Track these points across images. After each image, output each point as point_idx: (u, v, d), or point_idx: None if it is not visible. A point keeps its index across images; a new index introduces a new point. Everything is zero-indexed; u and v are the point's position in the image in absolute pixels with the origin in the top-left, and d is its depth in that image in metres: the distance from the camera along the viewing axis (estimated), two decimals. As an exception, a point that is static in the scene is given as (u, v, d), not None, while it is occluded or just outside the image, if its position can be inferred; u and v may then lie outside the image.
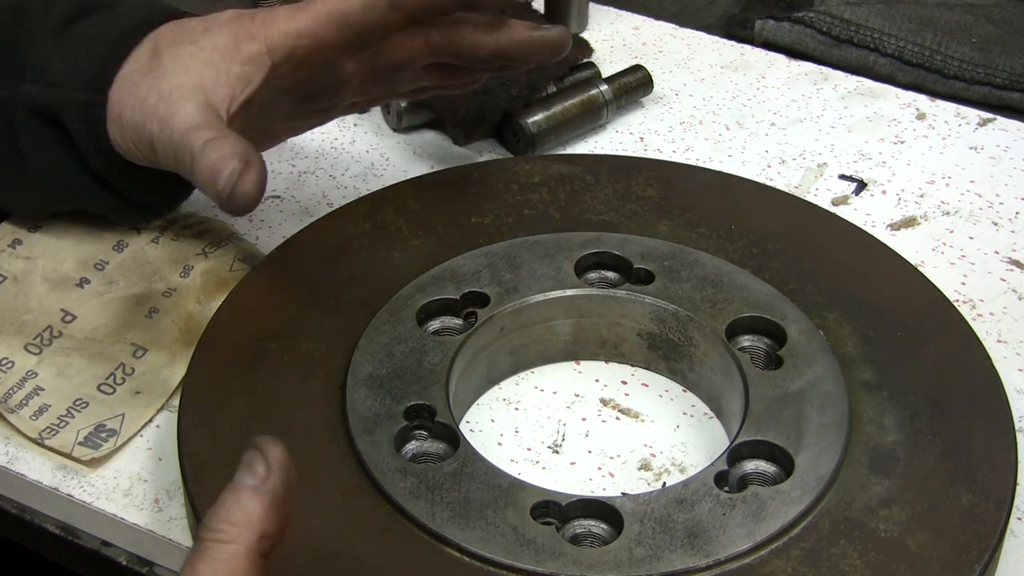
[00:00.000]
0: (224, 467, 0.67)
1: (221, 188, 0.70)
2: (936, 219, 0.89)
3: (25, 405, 0.73)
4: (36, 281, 0.80)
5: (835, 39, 1.05)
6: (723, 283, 0.76)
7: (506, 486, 0.65)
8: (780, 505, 0.64)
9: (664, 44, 1.06)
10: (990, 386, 0.71)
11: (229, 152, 0.71)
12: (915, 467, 0.67)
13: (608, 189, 0.84)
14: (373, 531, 0.64)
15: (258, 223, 0.87)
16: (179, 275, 0.80)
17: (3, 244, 0.82)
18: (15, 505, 0.73)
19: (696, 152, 0.95)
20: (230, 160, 0.70)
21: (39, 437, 0.72)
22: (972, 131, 0.97)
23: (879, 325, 0.74)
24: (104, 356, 0.76)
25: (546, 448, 0.73)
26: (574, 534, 0.64)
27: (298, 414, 0.69)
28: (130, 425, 0.73)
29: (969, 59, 1.02)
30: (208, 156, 0.71)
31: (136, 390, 0.74)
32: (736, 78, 1.03)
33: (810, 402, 0.69)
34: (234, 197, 0.70)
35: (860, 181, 0.92)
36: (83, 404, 0.74)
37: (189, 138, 0.72)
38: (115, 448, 0.72)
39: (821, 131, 0.97)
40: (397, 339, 0.73)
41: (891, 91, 1.01)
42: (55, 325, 0.78)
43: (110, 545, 0.71)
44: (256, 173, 0.71)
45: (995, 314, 0.82)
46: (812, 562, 0.62)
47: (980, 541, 0.63)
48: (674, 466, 0.72)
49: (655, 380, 0.78)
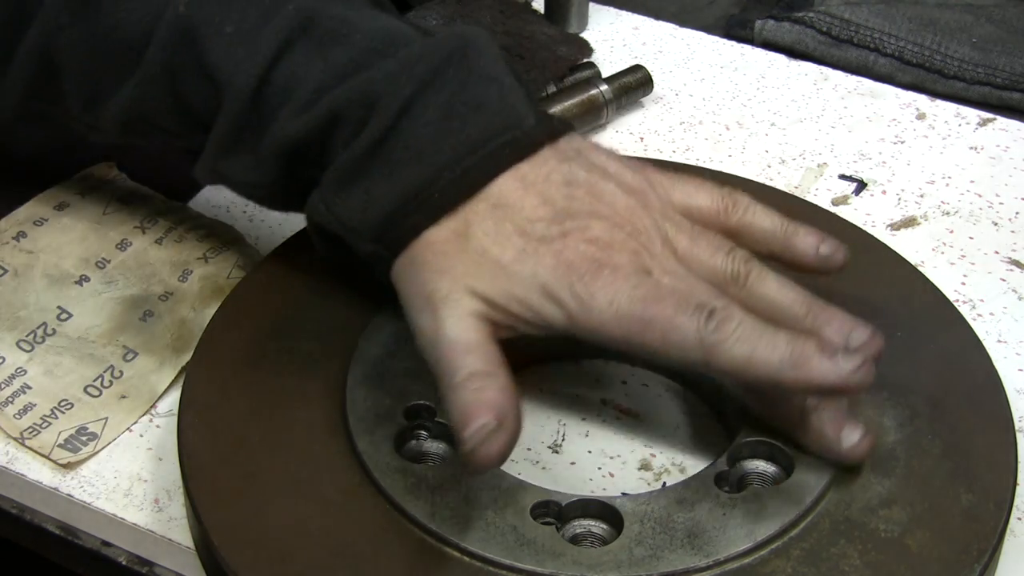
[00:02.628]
0: (224, 467, 0.67)
1: (466, 437, 0.60)
2: (936, 219, 0.89)
3: (10, 403, 0.73)
4: (36, 276, 0.80)
5: (835, 39, 1.05)
6: (723, 283, 0.76)
7: (506, 486, 0.65)
8: (780, 505, 0.64)
9: (664, 44, 1.06)
10: (990, 386, 0.71)
11: (488, 402, 0.61)
12: (915, 467, 0.67)
13: (608, 189, 0.83)
14: (373, 531, 0.64)
15: (258, 223, 0.87)
16: (178, 279, 0.80)
17: (7, 236, 0.82)
18: (15, 505, 0.73)
19: (696, 152, 0.95)
20: (485, 413, 0.60)
21: (20, 436, 0.72)
22: (972, 131, 0.97)
23: (879, 325, 0.74)
24: (94, 357, 0.76)
25: (546, 448, 0.73)
26: (574, 534, 0.64)
27: (298, 414, 0.69)
28: (111, 430, 0.73)
29: (969, 59, 1.02)
30: (464, 395, 0.61)
31: (122, 394, 0.74)
32: (736, 78, 1.02)
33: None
34: (474, 456, 0.60)
35: (860, 181, 0.92)
36: (68, 405, 0.74)
37: (452, 358, 0.62)
38: (94, 452, 0.72)
39: (821, 131, 0.97)
40: (397, 339, 0.72)
41: (891, 91, 1.01)
42: (50, 322, 0.77)
43: (110, 545, 0.71)
44: (507, 436, 0.60)
45: (995, 314, 0.82)
46: (812, 562, 0.62)
47: (980, 541, 0.63)
48: (674, 466, 0.72)
49: (655, 380, 0.78)
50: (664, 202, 0.68)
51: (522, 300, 0.64)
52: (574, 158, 0.67)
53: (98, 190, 0.85)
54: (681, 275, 0.65)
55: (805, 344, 0.62)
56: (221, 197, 0.89)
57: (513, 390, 0.62)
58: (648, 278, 0.64)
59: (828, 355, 0.61)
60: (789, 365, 0.61)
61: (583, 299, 0.63)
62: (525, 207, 0.65)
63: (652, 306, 0.62)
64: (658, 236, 0.66)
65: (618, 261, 0.64)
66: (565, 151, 0.67)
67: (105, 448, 0.72)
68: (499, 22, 0.97)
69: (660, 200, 0.68)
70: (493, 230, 0.64)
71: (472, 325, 0.63)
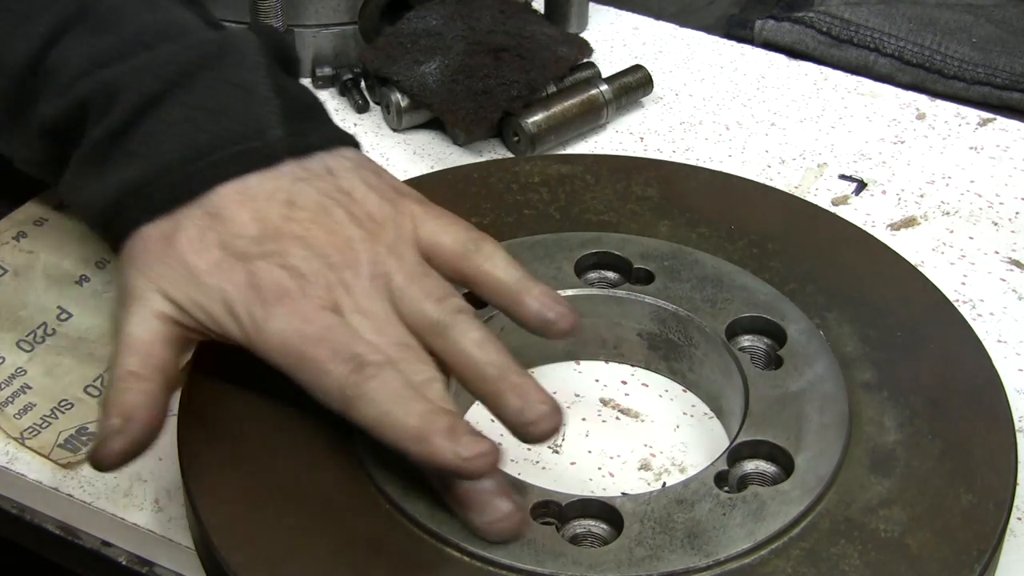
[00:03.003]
0: (224, 467, 0.67)
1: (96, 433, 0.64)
2: (936, 219, 0.89)
3: (11, 403, 0.73)
4: (36, 276, 0.80)
5: (835, 39, 1.05)
6: (723, 283, 0.76)
7: (506, 486, 0.65)
8: (780, 505, 0.64)
9: (664, 44, 1.06)
10: (990, 386, 0.71)
11: (123, 403, 0.63)
12: (915, 467, 0.67)
13: (608, 189, 0.84)
14: (373, 531, 0.64)
15: (258, 223, 0.87)
16: (178, 277, 0.80)
17: (7, 236, 0.82)
18: (15, 505, 0.73)
19: (696, 152, 0.95)
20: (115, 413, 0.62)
21: (20, 436, 0.72)
22: (972, 131, 0.97)
23: (879, 325, 0.74)
24: (94, 357, 0.76)
25: (546, 448, 0.73)
26: (574, 534, 0.64)
27: (298, 414, 0.69)
28: None
29: (969, 59, 1.02)
30: (108, 392, 0.63)
31: None
32: (736, 78, 1.03)
33: (810, 402, 0.69)
34: (92, 454, 0.63)
35: (860, 181, 0.92)
36: (68, 405, 0.74)
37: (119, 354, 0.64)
38: None
39: (821, 131, 0.97)
40: (397, 339, 0.72)
41: (891, 91, 1.01)
42: (50, 322, 0.77)
43: (110, 545, 0.71)
44: (125, 441, 0.62)
45: (995, 314, 0.82)
46: (812, 562, 0.62)
47: (980, 541, 0.63)
48: (674, 466, 0.72)
49: (655, 380, 0.78)
50: (401, 237, 0.67)
51: (206, 310, 0.65)
52: (315, 178, 0.68)
53: (98, 190, 0.85)
54: (372, 318, 0.65)
55: (436, 419, 0.61)
56: (221, 197, 0.89)
57: (159, 400, 0.63)
58: (328, 316, 0.64)
59: (451, 437, 0.60)
60: (414, 437, 0.61)
61: (258, 323, 0.64)
62: (236, 221, 0.65)
63: (312, 347, 0.63)
64: (369, 271, 0.65)
65: (307, 292, 0.64)
66: (311, 169, 0.68)
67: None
68: (499, 22, 0.97)
69: (396, 234, 0.67)
70: (196, 238, 0.65)
71: (152, 326, 0.64)
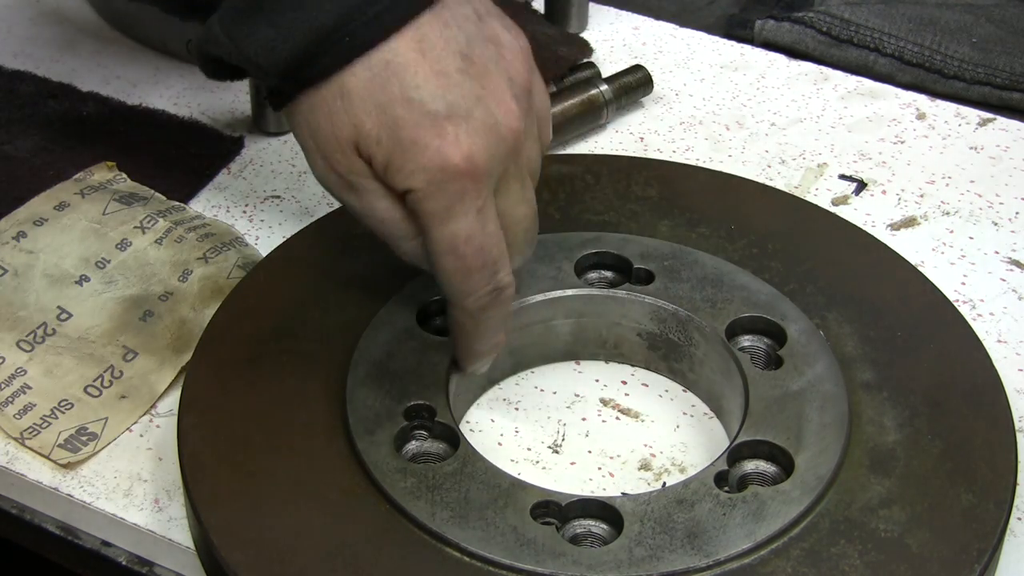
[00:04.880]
0: (224, 467, 0.67)
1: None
2: (936, 219, 0.89)
3: (11, 403, 0.73)
4: (36, 276, 0.80)
5: (835, 39, 1.05)
6: (723, 283, 0.76)
7: (506, 486, 0.65)
8: (780, 505, 0.64)
9: (664, 44, 1.06)
10: (990, 386, 0.71)
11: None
12: (915, 467, 0.67)
13: (608, 189, 0.84)
14: (373, 531, 0.64)
15: (258, 223, 0.87)
16: (178, 279, 0.80)
17: (7, 236, 0.82)
18: (15, 505, 0.73)
19: (696, 152, 0.95)
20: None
21: (20, 436, 0.72)
22: (972, 131, 0.97)
23: (879, 325, 0.74)
24: (94, 357, 0.76)
25: (546, 448, 0.73)
26: (574, 534, 0.64)
27: (298, 414, 0.69)
28: (111, 430, 0.73)
29: (969, 59, 1.02)
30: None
31: (122, 394, 0.74)
32: (736, 78, 1.03)
33: (810, 402, 0.69)
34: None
35: (860, 181, 0.92)
36: (68, 405, 0.74)
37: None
38: (94, 452, 0.72)
39: (821, 131, 0.97)
40: (397, 339, 0.72)
41: (891, 91, 1.01)
42: (50, 322, 0.77)
43: (110, 545, 0.71)
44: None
45: (995, 314, 0.82)
46: (812, 562, 0.62)
47: (980, 541, 0.63)
48: (674, 466, 0.72)
49: (655, 380, 0.78)
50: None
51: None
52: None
53: (98, 190, 0.85)
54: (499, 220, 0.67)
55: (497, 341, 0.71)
56: (221, 197, 0.89)
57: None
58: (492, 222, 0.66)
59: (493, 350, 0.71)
60: (474, 354, 0.71)
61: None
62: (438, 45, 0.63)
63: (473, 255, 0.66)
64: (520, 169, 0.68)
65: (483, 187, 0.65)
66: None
67: (105, 448, 0.72)
68: (499, 22, 0.97)
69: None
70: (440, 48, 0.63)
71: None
